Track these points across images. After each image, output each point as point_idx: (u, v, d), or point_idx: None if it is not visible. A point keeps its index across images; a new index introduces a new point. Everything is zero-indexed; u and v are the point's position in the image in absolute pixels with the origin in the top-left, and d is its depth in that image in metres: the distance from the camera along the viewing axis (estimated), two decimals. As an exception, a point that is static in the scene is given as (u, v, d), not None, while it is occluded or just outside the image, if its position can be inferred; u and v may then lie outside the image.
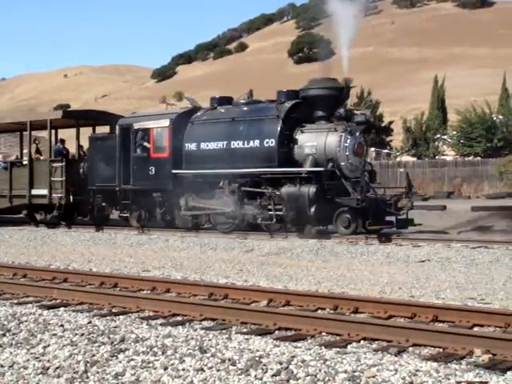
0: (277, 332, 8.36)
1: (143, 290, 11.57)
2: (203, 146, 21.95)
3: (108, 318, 9.24)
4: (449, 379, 5.89)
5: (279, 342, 7.47)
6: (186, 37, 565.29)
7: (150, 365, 6.59)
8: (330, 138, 20.15)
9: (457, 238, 18.97)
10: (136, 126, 23.56)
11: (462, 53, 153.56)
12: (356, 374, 6.05)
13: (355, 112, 21.56)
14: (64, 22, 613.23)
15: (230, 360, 6.61)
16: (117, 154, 23.87)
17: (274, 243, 19.40)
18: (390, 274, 13.54)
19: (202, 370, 6.37)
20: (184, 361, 6.65)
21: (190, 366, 6.46)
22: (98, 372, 6.47)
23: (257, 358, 6.63)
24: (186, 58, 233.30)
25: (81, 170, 25.62)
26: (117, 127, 24.53)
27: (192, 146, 22.22)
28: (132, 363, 6.67)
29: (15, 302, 10.73)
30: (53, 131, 27.86)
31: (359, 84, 55.84)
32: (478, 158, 54.54)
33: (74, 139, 27.91)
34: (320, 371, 6.15)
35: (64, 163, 25.31)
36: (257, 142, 20.82)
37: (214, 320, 9.05)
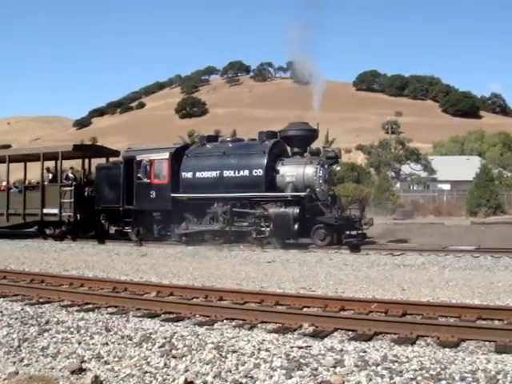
0: (163, 315, 8.29)
1: (63, 285, 11.25)
2: (198, 174, 20.58)
3: (36, 305, 8.99)
4: (285, 345, 6.02)
5: (164, 323, 7.47)
6: (99, 96, 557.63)
7: (68, 341, 6.48)
8: (308, 169, 19.36)
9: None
10: (139, 157, 21.83)
11: (298, 114, 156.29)
12: (220, 344, 6.11)
13: (326, 149, 21.02)
14: (6, 81, 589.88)
15: (127, 336, 6.57)
16: (121, 181, 22.18)
17: (162, 250, 19.18)
18: (246, 272, 13.61)
19: (107, 343, 6.30)
20: (93, 337, 6.57)
21: (98, 341, 6.39)
22: (28, 346, 6.34)
23: (148, 335, 6.60)
24: (99, 112, 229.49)
25: (85, 193, 23.97)
26: (121, 158, 23.04)
27: (188, 175, 20.78)
28: (54, 339, 6.55)
29: (-35, 295, 10.26)
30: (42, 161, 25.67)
31: (227, 134, 55.73)
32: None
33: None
34: (194, 343, 6.19)
35: (73, 188, 23.70)
36: (246, 172, 19.66)
37: (116, 307, 8.89)
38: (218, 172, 20.24)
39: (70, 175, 25.01)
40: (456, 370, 5.09)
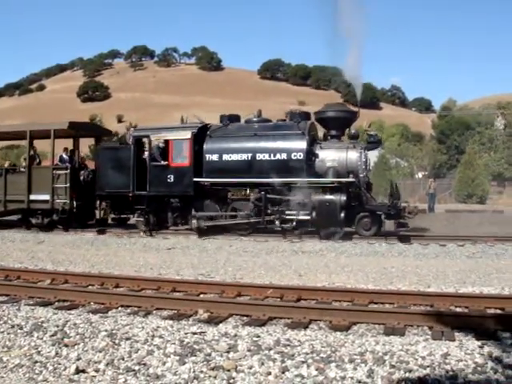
0: (56, 303, 8.14)
1: (-50, 274, 10.79)
2: (226, 157, 18.59)
3: None
4: (180, 331, 6.04)
5: (57, 311, 7.30)
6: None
7: (-48, 331, 6.22)
8: (351, 154, 17.97)
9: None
10: (153, 137, 19.54)
11: (202, 101, 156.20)
12: (114, 331, 6.05)
13: (369, 133, 19.25)
14: None
15: (18, 325, 6.39)
16: (131, 163, 19.59)
17: (61, 237, 18.71)
18: (145, 259, 13.53)
19: (-5, 333, 6.10)
20: (-20, 327, 6.33)
21: (-15, 331, 6.17)
22: None
23: (39, 323, 6.44)
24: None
25: (81, 178, 21.05)
26: (131, 138, 20.30)
27: (213, 157, 18.72)
28: None
29: None
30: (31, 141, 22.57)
31: (129, 120, 54.82)
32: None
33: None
34: (87, 331, 6.10)
35: (68, 171, 20.68)
36: (284, 155, 17.93)
37: (7, 295, 8.63)
38: (250, 155, 18.47)
39: (65, 157, 22.13)
40: (346, 353, 5.26)
